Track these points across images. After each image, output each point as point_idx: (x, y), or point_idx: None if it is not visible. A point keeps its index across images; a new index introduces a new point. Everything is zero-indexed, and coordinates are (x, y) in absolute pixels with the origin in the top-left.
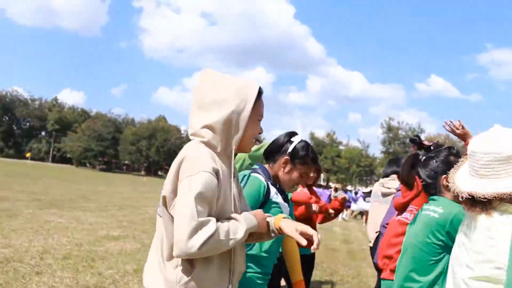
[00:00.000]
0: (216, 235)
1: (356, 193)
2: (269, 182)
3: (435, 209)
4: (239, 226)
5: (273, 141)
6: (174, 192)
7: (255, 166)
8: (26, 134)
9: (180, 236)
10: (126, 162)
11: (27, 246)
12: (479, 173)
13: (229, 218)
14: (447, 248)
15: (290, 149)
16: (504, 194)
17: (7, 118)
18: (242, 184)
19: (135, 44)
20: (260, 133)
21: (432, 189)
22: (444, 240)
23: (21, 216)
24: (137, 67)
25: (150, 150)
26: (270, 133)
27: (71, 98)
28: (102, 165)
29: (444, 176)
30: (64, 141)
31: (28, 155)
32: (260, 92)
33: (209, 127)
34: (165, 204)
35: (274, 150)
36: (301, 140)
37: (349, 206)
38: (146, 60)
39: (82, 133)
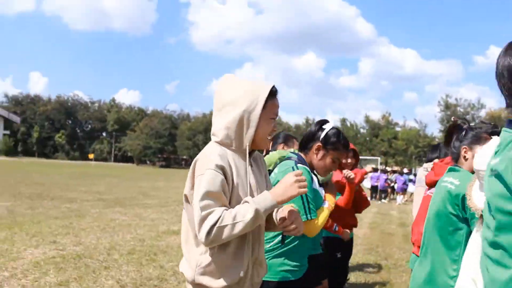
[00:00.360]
0: (219, 222)
1: (415, 175)
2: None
3: (452, 181)
4: (248, 208)
5: (306, 131)
6: (192, 190)
7: (291, 154)
8: (89, 136)
9: (197, 231)
10: (184, 157)
11: (95, 243)
12: None
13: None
14: (462, 219)
15: (322, 136)
16: None
17: (70, 121)
18: None
19: (184, 38)
20: (274, 131)
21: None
22: (459, 212)
23: (88, 215)
24: (188, 61)
25: (206, 144)
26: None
27: (127, 97)
28: (161, 162)
29: (464, 147)
30: (124, 140)
31: (91, 156)
32: (273, 93)
33: (224, 127)
34: (187, 200)
35: (307, 139)
36: (332, 127)
37: (405, 189)
38: (196, 53)
39: (140, 131)
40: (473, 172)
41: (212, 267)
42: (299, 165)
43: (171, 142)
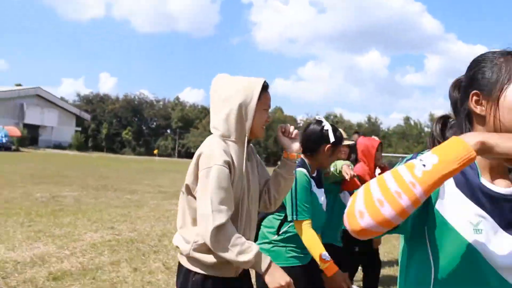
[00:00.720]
0: (234, 239)
1: None
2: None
3: None
4: (252, 253)
5: (307, 135)
6: (196, 180)
7: None
8: (154, 133)
9: (209, 220)
10: None
11: (148, 231)
12: None
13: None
14: None
15: (332, 138)
16: None
17: (136, 119)
18: None
19: (247, 39)
20: (267, 121)
21: None
22: None
23: (146, 206)
24: (252, 61)
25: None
26: (389, 117)
27: (192, 96)
28: None
29: None
30: (187, 137)
31: (155, 152)
32: (264, 87)
33: (223, 120)
34: (188, 190)
35: (315, 142)
36: (331, 125)
37: None
38: (259, 53)
39: (203, 128)
40: None
41: (207, 246)
42: (297, 169)
43: None
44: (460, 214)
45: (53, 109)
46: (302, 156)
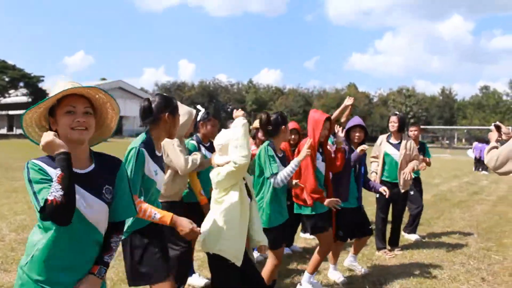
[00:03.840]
0: None
1: None
2: None
3: None
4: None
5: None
6: None
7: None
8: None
9: None
10: None
11: None
12: None
13: None
14: None
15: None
16: None
17: (213, 104)
18: None
19: (320, 14)
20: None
21: None
22: None
23: None
24: (326, 36)
25: (339, 119)
26: (476, 85)
27: (269, 77)
28: None
29: None
30: None
31: None
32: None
33: None
34: None
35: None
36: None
37: None
38: (334, 28)
39: (276, 110)
40: None
41: None
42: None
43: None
44: None
45: (135, 100)
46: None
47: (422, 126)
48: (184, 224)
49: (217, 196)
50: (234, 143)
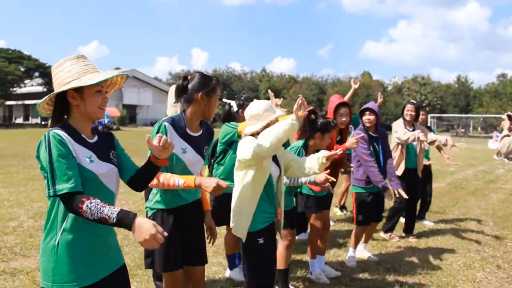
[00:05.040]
0: None
1: None
2: None
3: None
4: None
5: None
6: None
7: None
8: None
9: None
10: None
11: None
12: None
13: None
14: None
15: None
16: None
17: (226, 93)
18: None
19: (333, 1)
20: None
21: None
22: None
23: None
24: (340, 24)
25: (353, 107)
26: (493, 73)
27: (282, 65)
28: None
29: None
30: None
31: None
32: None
33: None
34: None
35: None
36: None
37: None
38: (347, 15)
39: (290, 98)
40: None
41: None
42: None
43: (320, 107)
44: None
45: (148, 89)
46: None
47: (437, 115)
48: (209, 181)
49: (237, 176)
50: (275, 131)
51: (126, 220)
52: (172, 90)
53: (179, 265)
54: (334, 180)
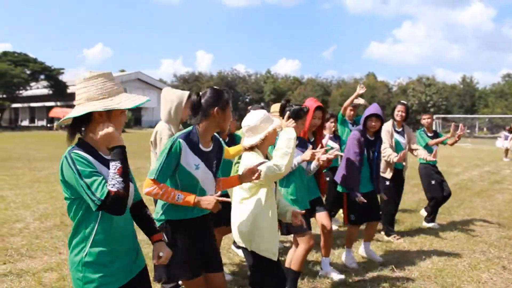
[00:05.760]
0: None
1: None
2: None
3: None
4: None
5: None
6: None
7: None
8: (247, 107)
9: None
10: None
11: None
12: None
13: None
14: None
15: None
16: None
17: (231, 94)
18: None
19: (337, 3)
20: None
21: None
22: None
23: None
24: (344, 25)
25: (358, 109)
26: (498, 73)
27: (287, 67)
28: None
29: None
30: None
31: None
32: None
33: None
34: None
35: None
36: None
37: None
38: (351, 17)
39: (294, 100)
40: None
41: None
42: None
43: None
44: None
45: (153, 91)
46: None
47: (442, 115)
48: (208, 199)
49: (245, 194)
50: (284, 150)
51: (118, 152)
52: (165, 93)
53: (199, 271)
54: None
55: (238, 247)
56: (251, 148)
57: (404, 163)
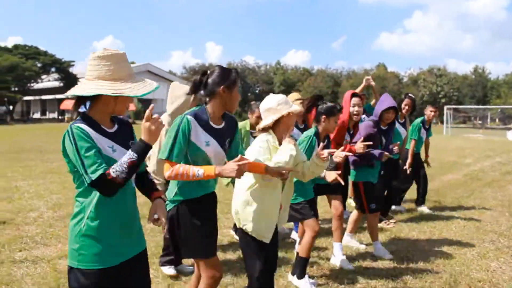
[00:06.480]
0: None
1: None
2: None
3: None
4: None
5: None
6: None
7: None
8: (258, 99)
9: None
10: None
11: None
12: None
13: None
14: None
15: None
16: None
17: (240, 86)
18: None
19: None
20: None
21: None
22: None
23: None
24: (354, 16)
25: (368, 100)
26: (511, 63)
27: (296, 58)
28: None
29: None
30: None
31: None
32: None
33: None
34: None
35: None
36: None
37: None
38: (361, 6)
39: (305, 91)
40: None
41: None
42: None
43: (335, 100)
44: None
45: (162, 83)
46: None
47: (453, 106)
48: (229, 167)
49: (249, 185)
50: (281, 161)
51: (142, 147)
52: (173, 88)
53: (215, 250)
54: (343, 183)
55: (236, 230)
56: (265, 130)
57: (398, 153)
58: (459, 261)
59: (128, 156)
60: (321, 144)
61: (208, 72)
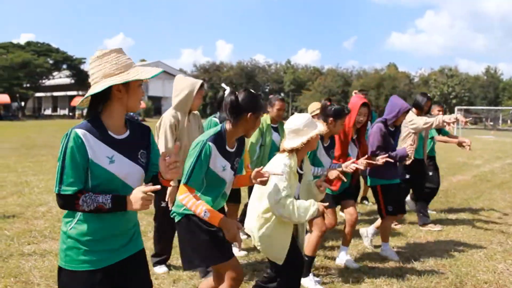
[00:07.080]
0: None
1: None
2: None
3: None
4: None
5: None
6: None
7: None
8: (268, 97)
9: None
10: None
11: None
12: None
13: None
14: None
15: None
16: None
17: (251, 84)
18: None
19: None
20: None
21: None
22: None
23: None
24: (366, 15)
25: (379, 99)
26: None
27: (306, 57)
28: None
29: None
30: (300, 99)
31: None
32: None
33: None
34: None
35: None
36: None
37: None
38: (373, 6)
39: (315, 90)
40: None
41: None
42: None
43: (344, 99)
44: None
45: (173, 81)
46: None
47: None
48: (230, 226)
49: (265, 208)
50: (296, 213)
51: (120, 201)
52: (177, 81)
53: (232, 252)
54: (345, 179)
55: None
56: (291, 151)
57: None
58: (466, 262)
59: (104, 199)
60: (322, 177)
61: (237, 93)
